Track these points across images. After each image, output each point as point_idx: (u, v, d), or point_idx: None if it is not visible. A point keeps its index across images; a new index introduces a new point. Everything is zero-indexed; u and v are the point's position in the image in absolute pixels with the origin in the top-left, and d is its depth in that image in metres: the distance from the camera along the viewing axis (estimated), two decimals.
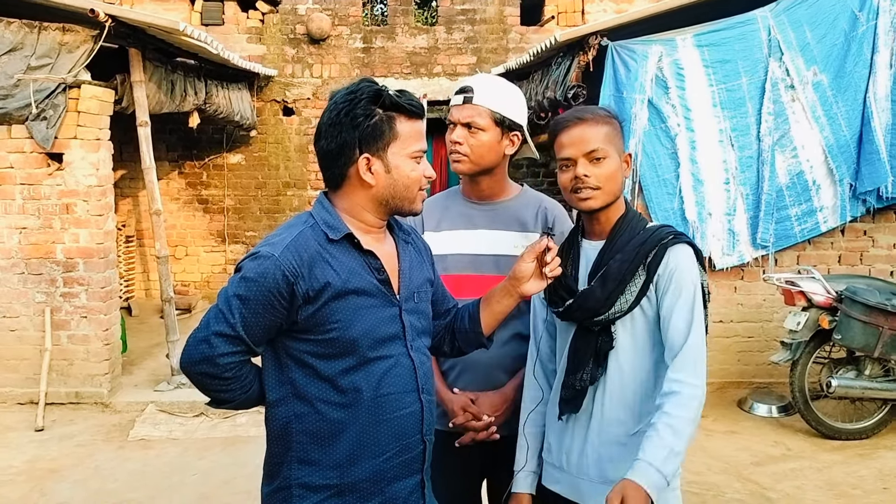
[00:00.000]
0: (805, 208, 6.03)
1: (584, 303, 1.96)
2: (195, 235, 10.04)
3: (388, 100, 1.76)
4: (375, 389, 1.76)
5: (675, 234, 1.97)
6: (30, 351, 5.93)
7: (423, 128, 1.85)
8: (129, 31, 5.86)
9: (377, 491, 1.78)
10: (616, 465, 1.92)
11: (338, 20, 9.71)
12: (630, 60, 5.79)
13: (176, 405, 5.85)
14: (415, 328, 1.88)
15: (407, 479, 1.84)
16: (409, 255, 1.94)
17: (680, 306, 1.89)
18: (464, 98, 2.32)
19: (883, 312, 4.89)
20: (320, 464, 1.77)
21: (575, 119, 1.98)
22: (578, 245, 2.07)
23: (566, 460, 2.04)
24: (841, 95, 5.93)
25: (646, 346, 1.95)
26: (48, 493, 4.41)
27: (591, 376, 1.96)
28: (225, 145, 9.84)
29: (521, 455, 2.16)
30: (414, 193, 1.83)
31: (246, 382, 1.79)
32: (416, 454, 1.85)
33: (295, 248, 1.71)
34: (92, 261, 5.92)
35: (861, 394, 5.08)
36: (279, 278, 1.68)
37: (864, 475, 4.60)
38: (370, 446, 1.77)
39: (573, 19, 9.55)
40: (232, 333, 1.69)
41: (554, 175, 10.04)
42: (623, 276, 1.92)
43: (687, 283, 1.91)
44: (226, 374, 1.73)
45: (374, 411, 1.77)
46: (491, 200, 2.42)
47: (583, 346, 1.99)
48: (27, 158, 5.82)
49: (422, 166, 1.83)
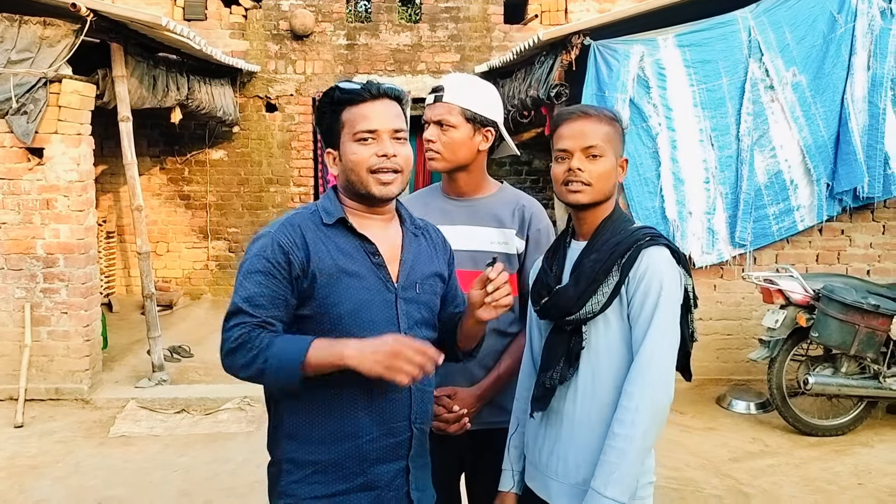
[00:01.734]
0: (783, 207, 6.10)
1: (557, 301, 1.95)
2: (177, 231, 9.99)
3: (338, 93, 1.86)
4: None
5: (652, 236, 1.94)
6: (9, 347, 5.89)
7: (375, 108, 1.84)
8: (110, 25, 5.83)
9: (360, 471, 1.82)
10: (586, 467, 1.91)
11: (321, 16, 9.69)
12: (612, 60, 5.84)
13: (157, 402, 5.83)
14: (412, 318, 1.88)
15: (391, 463, 1.86)
16: (416, 246, 1.97)
17: (644, 312, 1.87)
18: (434, 97, 2.37)
19: (859, 311, 4.96)
20: (306, 439, 1.82)
21: (579, 113, 1.98)
22: (566, 246, 2.07)
23: (538, 458, 2.04)
24: (819, 96, 6.01)
25: (620, 349, 1.92)
26: (27, 490, 4.39)
27: (560, 375, 1.94)
28: (207, 141, 9.78)
29: (509, 453, 2.17)
30: (361, 176, 1.84)
31: (254, 354, 1.71)
32: (402, 440, 1.87)
33: (290, 225, 1.84)
34: (72, 256, 5.88)
35: (837, 391, 5.15)
36: (276, 248, 1.78)
37: (839, 471, 4.67)
38: (353, 426, 1.81)
39: (556, 18, 9.59)
40: (233, 309, 1.76)
41: (536, 173, 10.11)
42: (595, 276, 1.90)
43: (654, 287, 1.87)
44: (231, 345, 1.73)
45: (359, 393, 1.80)
46: (469, 197, 2.46)
47: (555, 344, 1.99)
48: (7, 153, 5.77)
49: (370, 148, 1.82)
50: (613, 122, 1.99)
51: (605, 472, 1.81)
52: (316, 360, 1.67)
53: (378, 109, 1.84)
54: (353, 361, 1.65)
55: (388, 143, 1.83)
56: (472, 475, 2.52)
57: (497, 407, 2.38)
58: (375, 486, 1.84)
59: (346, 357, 1.65)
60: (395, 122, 1.85)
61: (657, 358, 1.84)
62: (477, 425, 2.37)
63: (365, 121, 1.83)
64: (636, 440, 1.80)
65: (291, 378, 1.68)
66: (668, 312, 1.87)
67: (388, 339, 1.66)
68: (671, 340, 1.88)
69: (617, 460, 1.80)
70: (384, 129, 1.83)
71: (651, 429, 1.82)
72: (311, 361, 1.67)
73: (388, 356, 1.63)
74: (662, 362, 1.85)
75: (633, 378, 1.84)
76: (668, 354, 1.87)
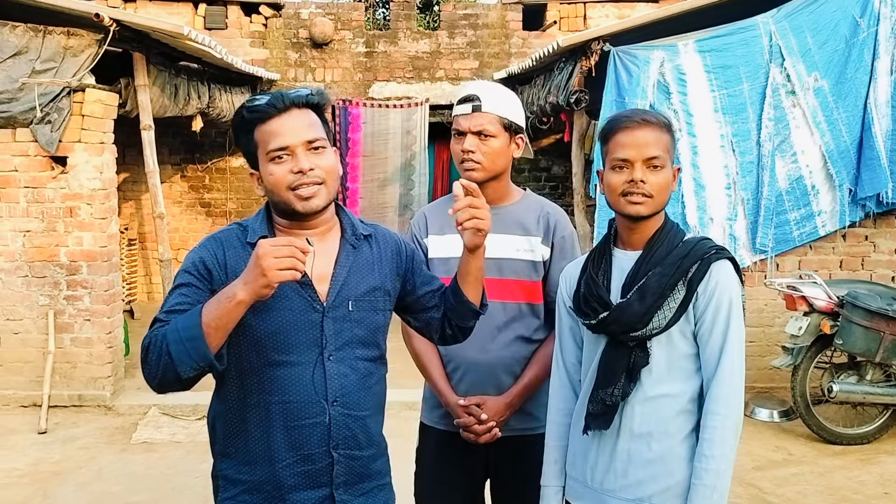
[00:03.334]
0: (804, 213, 6.05)
1: (619, 316, 1.88)
2: (198, 239, 9.95)
3: (245, 113, 1.78)
4: (279, 394, 1.75)
5: (717, 249, 1.90)
6: (33, 354, 5.95)
7: (284, 123, 1.74)
8: (133, 35, 5.88)
9: (279, 497, 1.77)
10: (645, 484, 1.89)
11: (340, 24, 9.74)
12: (632, 66, 5.82)
13: (178, 408, 5.86)
14: (341, 337, 1.79)
15: (309, 490, 1.78)
16: (353, 260, 1.86)
17: (717, 329, 1.83)
18: (472, 107, 2.34)
19: (884, 318, 4.90)
20: (234, 458, 1.81)
21: (641, 120, 1.90)
22: (611, 254, 2.00)
23: (591, 476, 1.98)
24: (841, 101, 5.96)
25: (682, 363, 1.89)
26: (51, 496, 4.43)
27: (622, 392, 1.88)
28: (227, 149, 9.85)
29: (549, 469, 2.12)
30: (282, 195, 1.76)
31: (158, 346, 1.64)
32: (322, 467, 1.78)
33: (214, 240, 1.83)
34: (95, 264, 5.94)
35: (862, 399, 5.09)
36: (197, 261, 1.77)
37: (865, 480, 4.60)
38: (268, 450, 1.77)
39: (575, 24, 9.57)
40: (152, 322, 1.71)
41: (555, 179, 10.07)
42: (662, 291, 1.84)
43: (724, 303, 1.84)
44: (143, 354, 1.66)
45: (273, 416, 1.76)
46: (494, 205, 2.43)
47: (614, 360, 1.91)
48: (31, 162, 5.84)
49: (285, 165, 1.74)
50: (670, 130, 1.94)
51: (703, 496, 1.81)
52: (212, 316, 1.59)
53: (287, 124, 1.74)
54: (241, 292, 1.56)
55: (302, 158, 1.73)
56: (497, 482, 2.51)
57: (524, 413, 2.38)
58: None
59: (236, 293, 1.57)
60: (307, 133, 1.75)
61: (735, 376, 1.82)
62: (504, 432, 2.37)
63: (275, 138, 1.74)
64: (728, 458, 1.81)
65: (199, 347, 1.58)
66: (738, 328, 1.85)
67: (254, 253, 1.57)
68: (742, 356, 1.86)
69: (714, 482, 1.81)
70: (296, 142, 1.74)
71: (736, 440, 1.82)
72: (207, 320, 1.58)
73: (258, 265, 1.54)
74: (738, 380, 1.83)
75: (716, 397, 1.82)
76: (741, 370, 1.85)
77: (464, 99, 2.37)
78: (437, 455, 2.52)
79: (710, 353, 1.84)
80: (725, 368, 1.81)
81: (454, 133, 2.40)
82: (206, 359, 1.59)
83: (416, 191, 9.54)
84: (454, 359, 2.44)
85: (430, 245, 2.50)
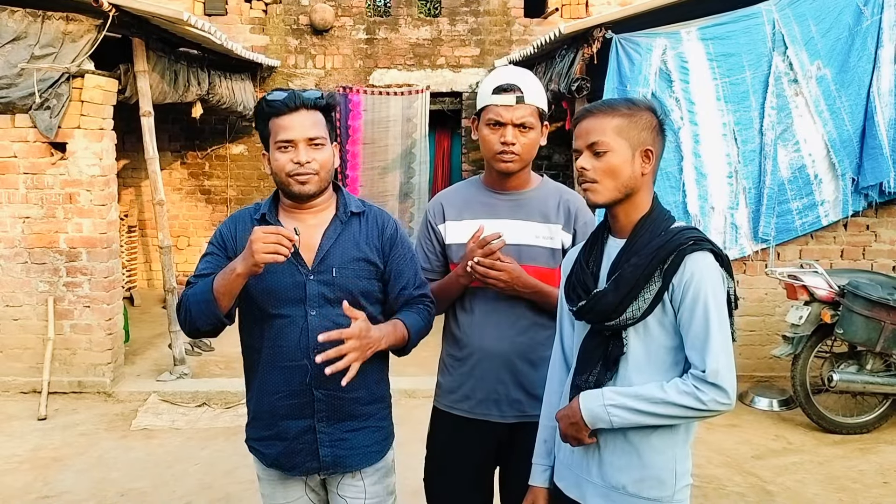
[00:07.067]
0: (806, 202, 6.03)
1: (595, 305, 1.89)
2: (197, 226, 10.04)
3: (264, 107, 2.16)
4: (273, 340, 2.16)
5: (695, 240, 1.84)
6: (33, 340, 5.95)
7: (294, 120, 2.11)
8: (132, 20, 5.85)
9: (273, 423, 2.20)
10: (621, 472, 1.89)
11: (341, 11, 9.68)
12: (634, 53, 5.79)
13: (178, 395, 5.87)
14: (324, 297, 2.14)
15: (297, 420, 2.17)
16: (339, 233, 2.20)
17: (696, 322, 1.80)
18: (516, 98, 2.30)
19: (885, 307, 4.90)
20: (251, 393, 2.27)
21: (585, 111, 1.94)
22: (604, 241, 2.01)
23: (571, 458, 2.00)
24: (844, 90, 5.93)
25: (661, 355, 1.87)
26: (51, 482, 4.43)
27: (597, 379, 1.89)
28: (227, 136, 9.83)
29: (539, 447, 2.15)
30: (283, 178, 2.15)
31: (186, 303, 2.16)
32: (305, 402, 2.16)
33: (232, 219, 2.30)
34: (95, 250, 5.93)
35: (862, 388, 5.09)
36: (218, 235, 2.26)
37: (864, 469, 4.61)
38: (267, 385, 2.19)
39: (577, 11, 9.52)
40: (188, 279, 2.21)
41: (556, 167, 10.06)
42: (636, 282, 1.83)
43: (701, 296, 1.79)
44: (179, 309, 2.18)
45: (271, 357, 2.17)
46: (514, 191, 2.43)
47: (592, 348, 1.94)
48: (31, 148, 5.82)
49: (288, 155, 2.13)
50: (630, 114, 1.89)
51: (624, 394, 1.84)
52: (219, 284, 2.05)
53: (296, 121, 2.12)
54: (239, 267, 2.00)
55: (302, 152, 2.12)
56: (506, 469, 2.52)
57: (537, 400, 2.38)
58: (285, 438, 2.18)
59: (235, 268, 2.01)
60: (310, 131, 2.12)
61: (719, 366, 1.76)
62: (518, 418, 2.39)
63: (284, 131, 2.12)
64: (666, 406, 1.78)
65: (210, 308, 2.06)
66: (721, 321, 1.80)
67: (250, 238, 1.97)
68: (728, 350, 1.80)
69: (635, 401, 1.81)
70: (300, 138, 2.12)
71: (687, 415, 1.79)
72: (216, 286, 2.05)
73: (251, 248, 1.95)
74: (724, 369, 1.77)
75: (702, 384, 1.78)
76: (726, 361, 1.80)
77: (502, 88, 2.32)
78: (449, 440, 2.52)
79: (692, 346, 1.81)
80: (710, 366, 1.76)
81: (490, 123, 2.34)
82: (216, 316, 2.08)
83: (416, 179, 9.50)
84: (469, 344, 2.44)
85: (447, 231, 2.49)
